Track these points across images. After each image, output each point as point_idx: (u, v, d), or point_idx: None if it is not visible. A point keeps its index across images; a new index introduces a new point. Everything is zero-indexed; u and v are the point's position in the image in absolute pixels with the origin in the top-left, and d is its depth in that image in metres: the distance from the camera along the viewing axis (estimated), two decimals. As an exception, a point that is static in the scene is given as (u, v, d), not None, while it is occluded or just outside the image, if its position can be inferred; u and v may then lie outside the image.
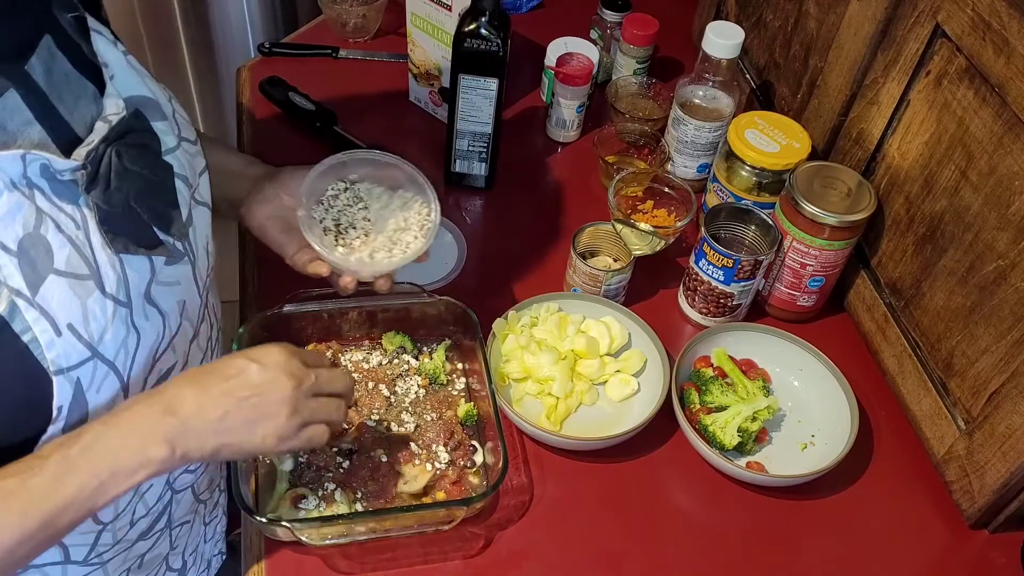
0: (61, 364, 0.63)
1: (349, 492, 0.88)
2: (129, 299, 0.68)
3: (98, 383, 0.66)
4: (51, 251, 0.62)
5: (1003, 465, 0.87)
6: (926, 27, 0.93)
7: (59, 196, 0.64)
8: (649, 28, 1.33)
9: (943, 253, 0.95)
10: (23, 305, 0.60)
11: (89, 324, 0.65)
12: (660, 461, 0.98)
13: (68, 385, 0.64)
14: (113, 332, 0.66)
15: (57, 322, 0.62)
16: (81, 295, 0.64)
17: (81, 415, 0.66)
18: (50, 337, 0.62)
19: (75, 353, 0.64)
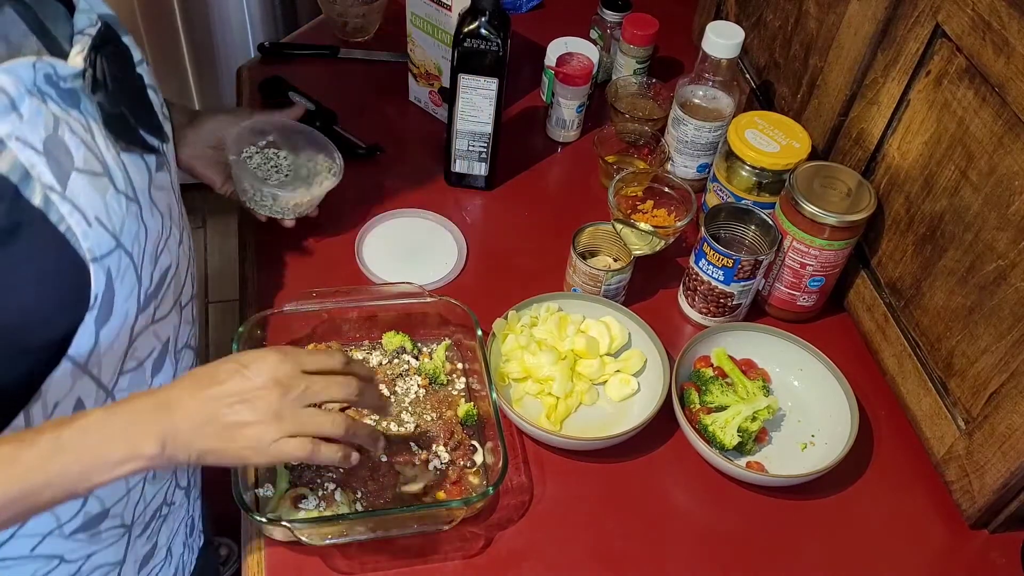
0: (96, 252, 0.68)
1: (349, 492, 0.88)
2: (137, 197, 0.73)
3: (122, 274, 0.71)
4: (70, 151, 0.67)
5: (1003, 465, 0.87)
6: (926, 27, 0.93)
7: (64, 102, 0.68)
8: (649, 28, 1.33)
9: (943, 253, 0.95)
10: (56, 199, 0.65)
11: (111, 217, 0.69)
12: (660, 461, 0.98)
13: (102, 273, 0.69)
14: (128, 225, 0.71)
15: (87, 214, 0.67)
16: (100, 190, 0.69)
17: (109, 305, 0.71)
18: (84, 228, 0.67)
19: (105, 243, 0.69)
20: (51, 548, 0.84)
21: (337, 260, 1.13)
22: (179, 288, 0.84)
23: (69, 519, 0.83)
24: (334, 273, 1.11)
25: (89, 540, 0.87)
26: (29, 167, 0.64)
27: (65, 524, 0.83)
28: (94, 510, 0.85)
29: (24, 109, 0.64)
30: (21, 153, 0.63)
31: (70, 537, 0.85)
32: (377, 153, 1.27)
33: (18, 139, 0.63)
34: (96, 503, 0.84)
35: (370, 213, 1.18)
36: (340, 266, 1.12)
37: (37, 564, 0.85)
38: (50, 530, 0.83)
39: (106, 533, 0.88)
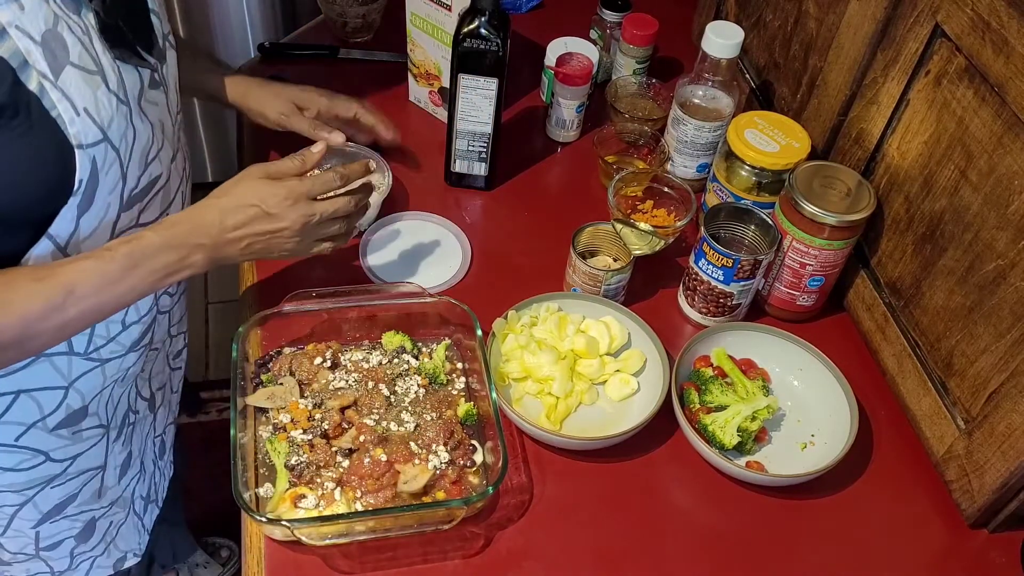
0: (81, 140, 0.74)
1: (349, 492, 0.88)
2: (127, 100, 0.79)
3: (107, 166, 0.78)
4: (66, 46, 0.73)
5: (1003, 464, 0.87)
6: (926, 27, 0.93)
7: (65, 5, 0.73)
8: (649, 28, 1.33)
9: (943, 253, 0.95)
10: (48, 86, 0.71)
11: (100, 111, 0.76)
12: (660, 461, 0.98)
13: (87, 161, 0.75)
14: (117, 123, 0.78)
15: (75, 104, 0.73)
16: (92, 86, 0.75)
17: (92, 194, 0.78)
18: (71, 115, 0.73)
19: (91, 133, 0.75)
20: (35, 441, 0.93)
21: (337, 260, 1.13)
22: (167, 201, 0.91)
23: (52, 411, 0.91)
24: (334, 273, 1.11)
25: (71, 439, 0.96)
26: (26, 54, 0.69)
27: (48, 416, 0.92)
28: (75, 404, 0.93)
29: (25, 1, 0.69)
30: (20, 41, 0.69)
31: (53, 432, 0.93)
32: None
33: (18, 28, 0.68)
34: (76, 397, 0.93)
35: (370, 213, 1.18)
36: (341, 266, 1.12)
37: (23, 455, 0.93)
38: (33, 421, 0.91)
39: (87, 432, 0.97)
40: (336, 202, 0.92)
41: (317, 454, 0.90)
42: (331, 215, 0.92)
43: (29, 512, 0.99)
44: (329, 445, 0.91)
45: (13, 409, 0.89)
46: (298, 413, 0.93)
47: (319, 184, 0.91)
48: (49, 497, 0.99)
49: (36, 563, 1.06)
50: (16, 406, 0.89)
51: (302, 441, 0.91)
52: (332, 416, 0.93)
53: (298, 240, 0.90)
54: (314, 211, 0.90)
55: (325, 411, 0.93)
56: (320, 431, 0.92)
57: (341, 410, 0.94)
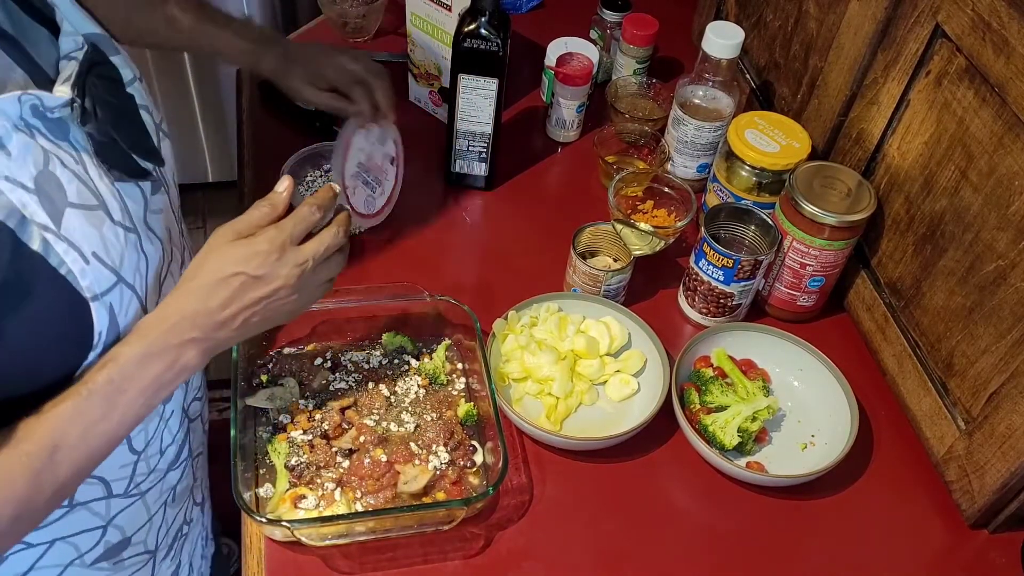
0: (95, 290, 0.66)
1: (349, 492, 0.88)
2: (134, 226, 0.72)
3: (125, 307, 0.70)
4: (62, 186, 0.65)
5: (1003, 465, 0.87)
6: (926, 27, 0.93)
7: (53, 134, 0.66)
8: (649, 28, 1.33)
9: (943, 253, 0.95)
10: (51, 239, 0.63)
11: (109, 251, 0.68)
12: (660, 461, 0.98)
13: (104, 311, 0.67)
14: (128, 257, 0.70)
15: (83, 251, 0.65)
16: (96, 224, 0.67)
17: (113, 340, 0.70)
18: (81, 266, 0.65)
19: (104, 279, 0.67)
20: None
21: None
22: None
23: (89, 549, 0.83)
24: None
25: (112, 569, 0.87)
26: (22, 208, 0.61)
27: (86, 554, 0.83)
28: (114, 539, 0.84)
29: (12, 146, 0.61)
30: (12, 194, 0.61)
31: (92, 567, 0.84)
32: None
33: (7, 179, 0.61)
34: (116, 532, 0.84)
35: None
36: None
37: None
38: (70, 560, 0.82)
39: (129, 561, 0.88)
40: (323, 238, 0.79)
41: (317, 455, 0.90)
42: (324, 255, 0.79)
43: None
44: (329, 446, 0.91)
45: (48, 555, 0.80)
46: (298, 413, 0.93)
47: (299, 224, 0.77)
48: None
49: None
50: (51, 552, 0.80)
51: (302, 442, 0.91)
52: (332, 416, 0.93)
53: (297, 297, 0.78)
54: (304, 256, 0.77)
55: (325, 411, 0.93)
56: (320, 432, 0.92)
57: (341, 410, 0.94)
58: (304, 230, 0.78)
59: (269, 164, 1.20)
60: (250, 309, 0.75)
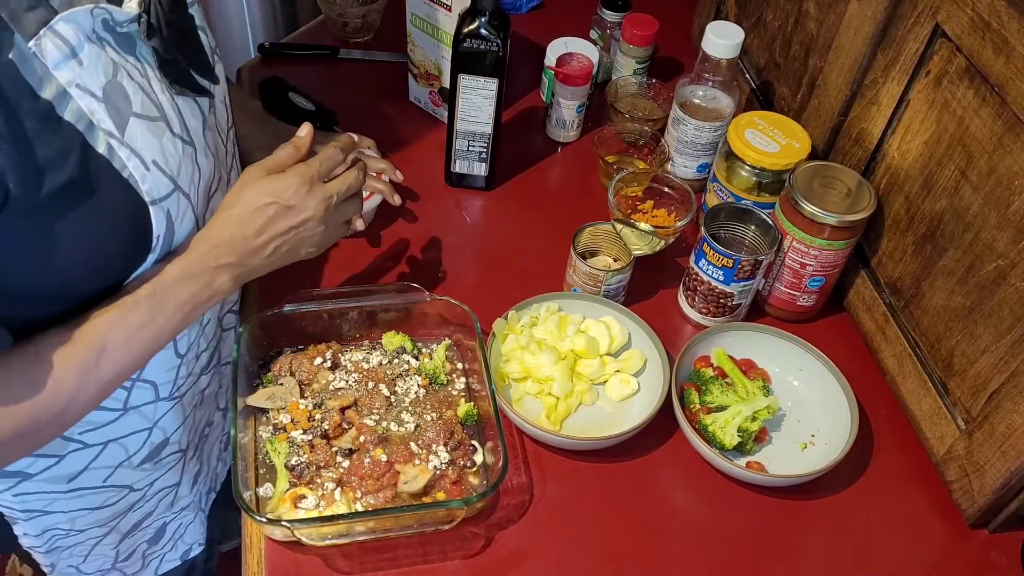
0: (154, 195, 0.72)
1: (349, 492, 0.88)
2: (191, 139, 0.76)
3: (181, 215, 0.76)
4: (128, 96, 0.69)
5: (1003, 465, 0.87)
6: (926, 27, 0.93)
7: (121, 47, 0.70)
8: (649, 28, 1.33)
9: (943, 253, 0.95)
10: (116, 145, 0.68)
11: (168, 160, 0.73)
12: (660, 461, 0.98)
13: (162, 215, 0.73)
14: (185, 167, 0.75)
15: (144, 158, 0.70)
16: (157, 135, 0.72)
17: (169, 246, 0.76)
18: (142, 172, 0.70)
19: (162, 186, 0.72)
20: (121, 478, 0.94)
21: (338, 260, 1.13)
22: None
23: (136, 450, 0.93)
24: (334, 273, 1.11)
25: (154, 468, 0.97)
26: (90, 114, 0.66)
27: (133, 455, 0.93)
28: (158, 439, 0.94)
29: (84, 56, 0.66)
30: (82, 100, 0.65)
31: (138, 468, 0.95)
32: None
33: (78, 86, 0.65)
34: (159, 433, 0.93)
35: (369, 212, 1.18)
36: (341, 266, 1.12)
37: (109, 493, 0.95)
38: (120, 462, 0.92)
39: (166, 459, 0.98)
40: (346, 178, 0.87)
41: (317, 454, 0.90)
42: (346, 192, 0.87)
43: (111, 538, 1.02)
44: (329, 445, 0.91)
45: (101, 456, 0.89)
46: (298, 413, 0.93)
47: (325, 163, 0.85)
48: (130, 519, 1.01)
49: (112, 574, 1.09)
50: (104, 453, 0.89)
51: (302, 441, 0.91)
52: (332, 416, 0.93)
53: (323, 229, 0.85)
54: (331, 192, 0.85)
55: (325, 411, 0.93)
56: (320, 431, 0.92)
57: (341, 410, 0.94)
58: (330, 168, 0.86)
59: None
60: (281, 237, 0.82)
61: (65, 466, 0.89)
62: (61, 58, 0.64)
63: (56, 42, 0.64)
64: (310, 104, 1.30)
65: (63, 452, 0.87)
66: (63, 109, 0.65)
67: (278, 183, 0.82)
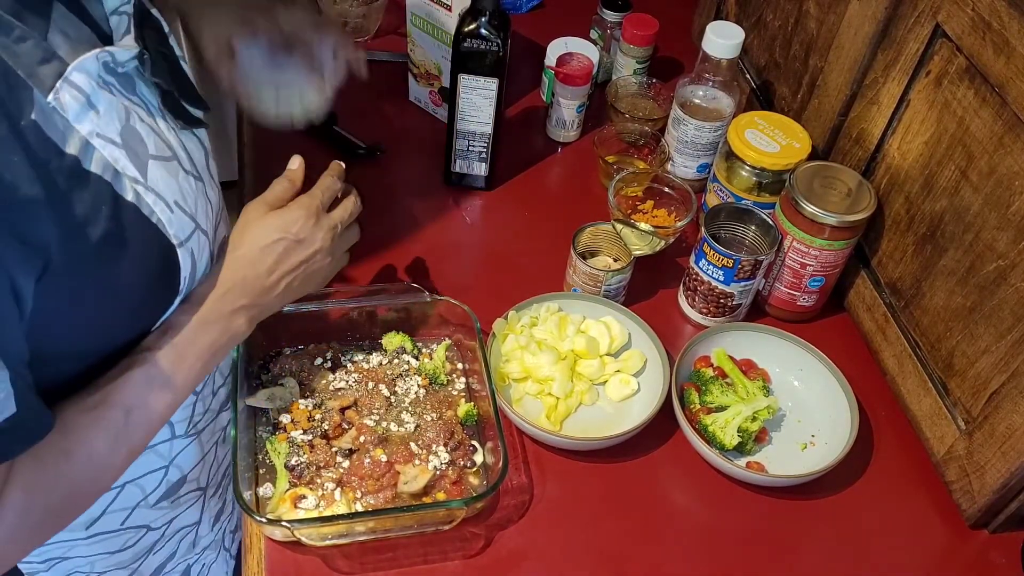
0: (180, 237, 0.71)
1: (349, 492, 0.88)
2: (199, 173, 0.76)
3: (200, 253, 0.75)
4: (143, 139, 0.69)
5: (1003, 465, 0.87)
6: (926, 27, 0.93)
7: (125, 89, 0.68)
8: (649, 28, 1.33)
9: (943, 253, 0.95)
10: (141, 191, 0.67)
11: (187, 199, 0.72)
12: (660, 461, 0.98)
13: (188, 256, 0.73)
14: (200, 204, 0.75)
15: (167, 201, 0.70)
16: (173, 174, 0.71)
17: (192, 284, 0.76)
18: (168, 215, 0.70)
19: (186, 226, 0.72)
20: (139, 519, 0.92)
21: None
22: None
23: (153, 489, 0.90)
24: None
25: (171, 507, 0.95)
26: (114, 163, 0.65)
27: (150, 495, 0.91)
28: (174, 478, 0.92)
29: (100, 104, 0.64)
30: (104, 150, 0.64)
31: (155, 507, 0.93)
32: (377, 153, 1.27)
33: (99, 136, 0.64)
34: (176, 471, 0.91)
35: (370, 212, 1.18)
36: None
37: (128, 535, 0.93)
38: (137, 503, 0.90)
39: (185, 497, 0.96)
40: (347, 206, 0.88)
41: (317, 454, 0.90)
42: (348, 220, 0.88)
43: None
44: (329, 445, 0.91)
45: (119, 499, 0.87)
46: (298, 413, 0.93)
47: (327, 192, 0.86)
48: (151, 563, 0.99)
49: None
50: (121, 496, 0.87)
51: (302, 442, 0.91)
52: (332, 416, 0.93)
53: (330, 261, 0.86)
54: (335, 222, 0.86)
55: (325, 411, 0.93)
56: (320, 431, 0.92)
57: (341, 410, 0.94)
58: (331, 197, 0.86)
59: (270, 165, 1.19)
60: (292, 273, 0.82)
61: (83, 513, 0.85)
62: (80, 109, 0.62)
63: (73, 93, 0.62)
64: (310, 104, 1.29)
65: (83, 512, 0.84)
66: (88, 162, 0.63)
67: (284, 218, 0.82)
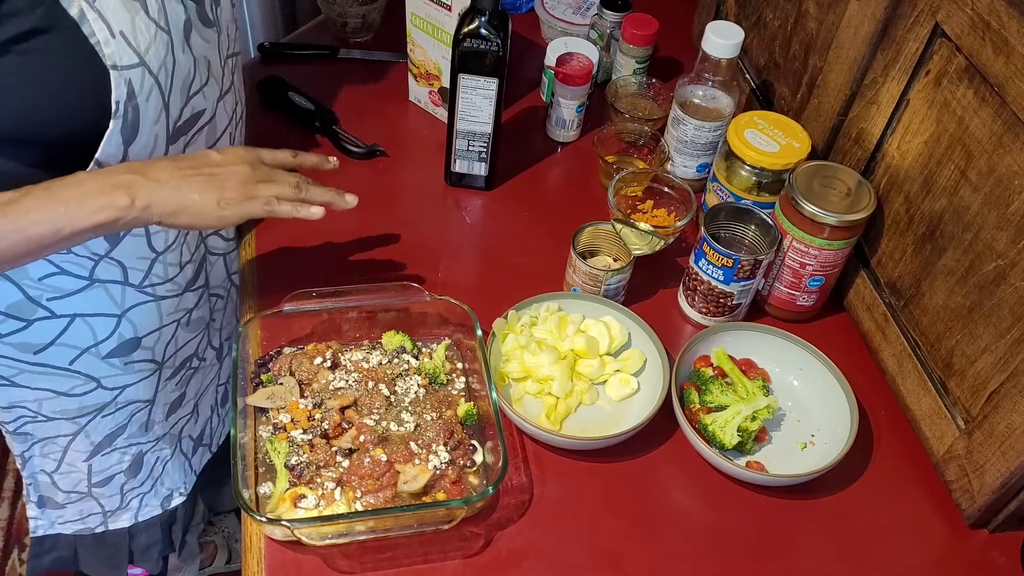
0: (116, 61, 0.75)
1: (349, 491, 0.88)
2: (168, 28, 0.80)
3: (147, 92, 0.78)
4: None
5: (1003, 464, 0.87)
6: (925, 27, 0.93)
7: None
8: (649, 28, 1.33)
9: (943, 253, 0.95)
10: (86, 8, 0.72)
11: (137, 36, 0.76)
12: (660, 461, 0.98)
13: (122, 83, 0.76)
14: (155, 49, 0.78)
15: (111, 26, 0.74)
16: (130, 11, 0.76)
17: (135, 121, 0.78)
18: (106, 37, 0.74)
19: (126, 56, 0.76)
20: (87, 366, 0.96)
21: (338, 260, 1.13)
22: (213, 138, 0.91)
23: (104, 338, 0.93)
24: (334, 273, 1.11)
25: (123, 369, 0.98)
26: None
27: (101, 343, 0.94)
28: (127, 334, 0.95)
29: None
30: None
31: (104, 359, 0.96)
32: (376, 154, 1.27)
33: None
34: (129, 327, 0.94)
35: (370, 212, 1.18)
36: (341, 266, 1.12)
37: (75, 381, 0.96)
38: (87, 346, 0.93)
39: (138, 365, 0.99)
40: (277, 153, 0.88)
41: (317, 454, 0.90)
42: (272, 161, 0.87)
43: (81, 443, 1.02)
44: (329, 445, 0.91)
45: (68, 332, 0.90)
46: (298, 413, 0.93)
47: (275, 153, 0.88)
48: (100, 427, 1.02)
49: (88, 502, 1.09)
50: (71, 329, 0.90)
51: (302, 441, 0.91)
52: (332, 416, 0.93)
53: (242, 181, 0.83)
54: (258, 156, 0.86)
55: (325, 411, 0.93)
56: (320, 431, 0.92)
57: (341, 410, 0.94)
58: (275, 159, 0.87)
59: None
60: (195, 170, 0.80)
61: (32, 334, 0.91)
62: None
63: None
64: (309, 104, 1.30)
65: (31, 317, 0.90)
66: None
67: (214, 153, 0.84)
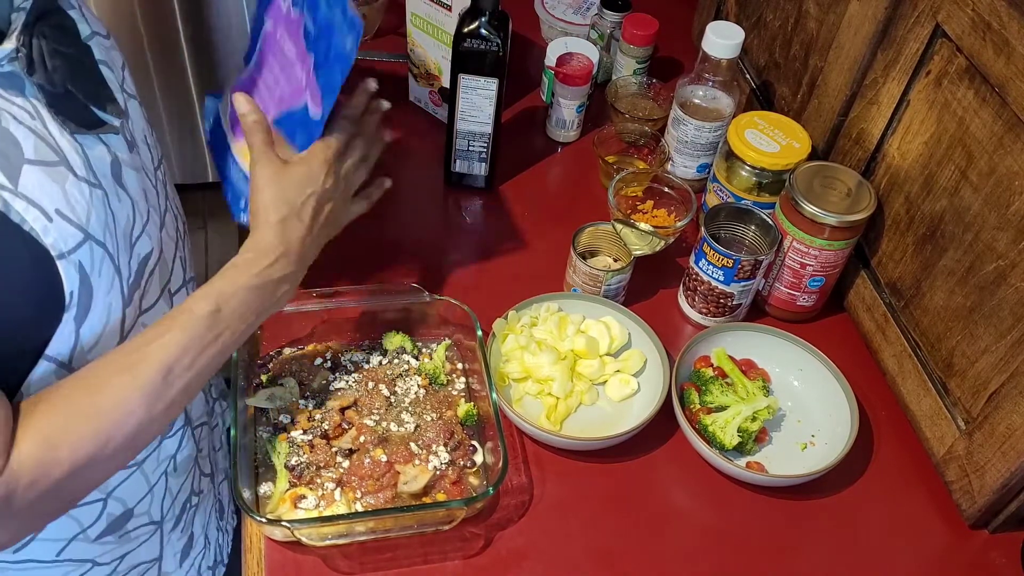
0: (61, 248, 0.65)
1: (349, 492, 0.88)
2: (99, 182, 0.71)
3: (97, 266, 0.69)
4: (17, 142, 0.64)
5: (1003, 465, 0.87)
6: (926, 27, 0.93)
7: (6, 88, 0.65)
8: (649, 28, 1.33)
9: (943, 253, 0.95)
10: (9, 197, 0.62)
11: (75, 208, 0.67)
12: (660, 461, 0.98)
13: (73, 269, 0.67)
14: (96, 214, 0.69)
15: (45, 209, 0.64)
16: (58, 181, 0.66)
17: (88, 300, 0.69)
18: (43, 223, 0.64)
19: (70, 237, 0.66)
20: (78, 552, 0.85)
21: (338, 260, 1.13)
22: (166, 276, 0.82)
23: (91, 523, 0.83)
24: (334, 273, 1.11)
25: (118, 542, 0.88)
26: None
27: (89, 528, 0.83)
28: (116, 511, 0.85)
29: None
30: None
31: (96, 541, 0.85)
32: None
33: None
34: (117, 504, 0.84)
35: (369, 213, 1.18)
36: (341, 266, 1.12)
37: (66, 568, 0.85)
38: (73, 535, 0.83)
39: (135, 532, 0.89)
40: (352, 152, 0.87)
41: (317, 454, 0.90)
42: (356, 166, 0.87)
43: None
44: (329, 446, 0.91)
45: (50, 528, 0.81)
46: (298, 413, 0.93)
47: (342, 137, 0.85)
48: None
49: None
50: (53, 526, 0.80)
51: (302, 441, 0.91)
52: (332, 416, 0.93)
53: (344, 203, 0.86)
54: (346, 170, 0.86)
55: (325, 411, 0.93)
56: (320, 431, 0.92)
57: (341, 410, 0.94)
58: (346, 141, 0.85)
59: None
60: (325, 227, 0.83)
61: None
62: None
63: None
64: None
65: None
66: None
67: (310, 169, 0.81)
